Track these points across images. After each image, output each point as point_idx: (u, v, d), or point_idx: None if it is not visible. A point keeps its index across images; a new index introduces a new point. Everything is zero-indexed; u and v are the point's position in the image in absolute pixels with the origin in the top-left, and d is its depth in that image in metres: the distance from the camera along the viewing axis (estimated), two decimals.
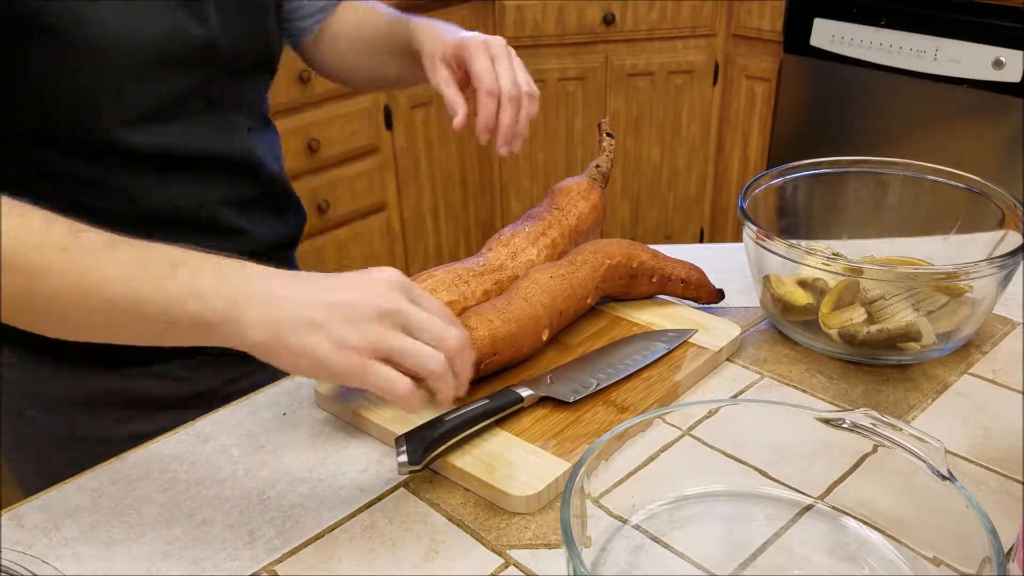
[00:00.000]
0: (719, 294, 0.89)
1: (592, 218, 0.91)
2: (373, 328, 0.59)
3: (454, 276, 0.79)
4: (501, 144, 0.86)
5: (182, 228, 0.85)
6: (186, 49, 0.80)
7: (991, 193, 0.85)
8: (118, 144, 0.80)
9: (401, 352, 0.59)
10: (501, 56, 0.86)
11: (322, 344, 0.58)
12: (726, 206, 2.59)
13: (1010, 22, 1.89)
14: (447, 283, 0.79)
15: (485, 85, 0.84)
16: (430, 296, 0.63)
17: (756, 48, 2.35)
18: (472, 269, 0.81)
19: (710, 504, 0.65)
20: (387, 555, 0.62)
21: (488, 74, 0.85)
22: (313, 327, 0.58)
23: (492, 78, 0.85)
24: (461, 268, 0.81)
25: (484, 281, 0.81)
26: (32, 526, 0.66)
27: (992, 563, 0.49)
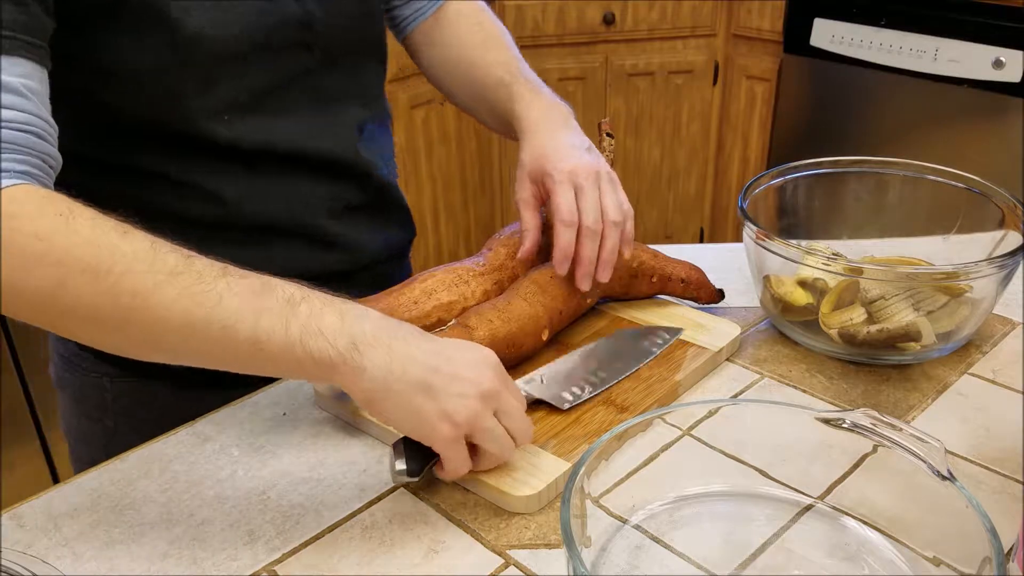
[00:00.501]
0: (719, 294, 0.89)
1: None
2: (477, 407, 0.62)
3: (454, 276, 0.79)
4: (580, 278, 0.79)
5: (278, 238, 0.82)
6: (280, 28, 0.76)
7: (991, 193, 0.85)
8: (207, 138, 0.75)
9: (489, 434, 0.63)
10: (587, 187, 0.79)
11: (430, 409, 0.61)
12: (726, 206, 2.59)
13: (1010, 22, 1.89)
14: (447, 283, 0.79)
15: (561, 217, 0.79)
16: (514, 384, 0.66)
17: (756, 48, 2.35)
18: (472, 269, 0.81)
19: (710, 504, 0.65)
20: (387, 555, 0.62)
21: (566, 206, 0.79)
22: (427, 391, 0.61)
23: (570, 211, 0.79)
24: (461, 268, 0.81)
25: (484, 281, 0.81)
26: (32, 526, 0.66)
27: (992, 563, 0.49)
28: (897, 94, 2.10)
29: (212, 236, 0.77)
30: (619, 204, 0.81)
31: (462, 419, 0.61)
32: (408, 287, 0.78)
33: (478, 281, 0.80)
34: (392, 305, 0.76)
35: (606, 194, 0.80)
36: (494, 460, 0.65)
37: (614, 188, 0.81)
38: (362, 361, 0.59)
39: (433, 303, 0.77)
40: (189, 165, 0.77)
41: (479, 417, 0.62)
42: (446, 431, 0.61)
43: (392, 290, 0.78)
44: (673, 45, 2.41)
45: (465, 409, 0.61)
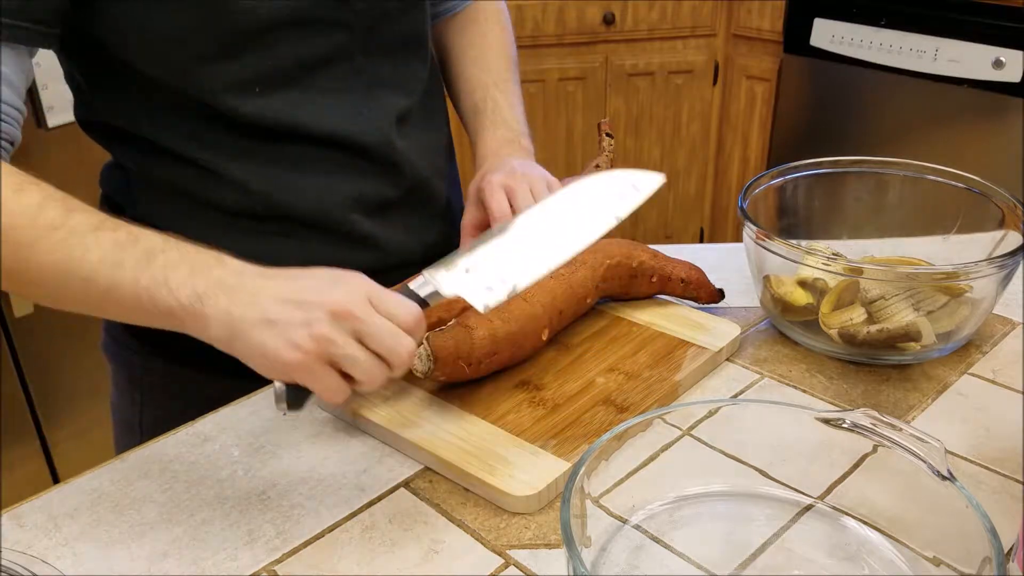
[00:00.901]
0: (719, 294, 0.89)
1: None
2: (324, 331, 0.59)
3: None
4: None
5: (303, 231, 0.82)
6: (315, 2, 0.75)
7: (991, 193, 0.85)
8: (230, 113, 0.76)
9: (347, 361, 0.60)
10: (518, 188, 0.80)
11: (274, 342, 0.59)
12: (726, 206, 2.59)
13: (1010, 22, 1.89)
14: None
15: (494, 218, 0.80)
16: (398, 300, 0.62)
17: (756, 48, 2.35)
18: None
19: (710, 504, 0.65)
20: (387, 555, 0.62)
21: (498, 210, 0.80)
22: (268, 325, 0.59)
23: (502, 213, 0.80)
24: None
25: None
26: (32, 526, 0.66)
27: (992, 563, 0.49)
28: (897, 94, 2.10)
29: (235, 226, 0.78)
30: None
31: (309, 346, 0.59)
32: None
33: None
34: None
35: (540, 192, 0.81)
36: (370, 385, 0.61)
37: (549, 188, 0.82)
38: (204, 310, 0.60)
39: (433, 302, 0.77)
40: (215, 147, 0.78)
41: (330, 343, 0.59)
42: (294, 360, 0.59)
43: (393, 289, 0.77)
44: (673, 45, 2.41)
45: (310, 336, 0.59)
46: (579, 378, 0.77)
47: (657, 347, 0.81)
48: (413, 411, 0.74)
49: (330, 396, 0.61)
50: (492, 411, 0.73)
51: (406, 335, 0.61)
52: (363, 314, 0.60)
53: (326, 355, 0.59)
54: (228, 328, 0.60)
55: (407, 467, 0.70)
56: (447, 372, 0.72)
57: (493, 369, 0.76)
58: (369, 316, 0.60)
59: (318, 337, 0.59)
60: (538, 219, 0.70)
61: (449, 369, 0.72)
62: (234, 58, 0.74)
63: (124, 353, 0.91)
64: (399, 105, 0.85)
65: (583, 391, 0.76)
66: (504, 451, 0.69)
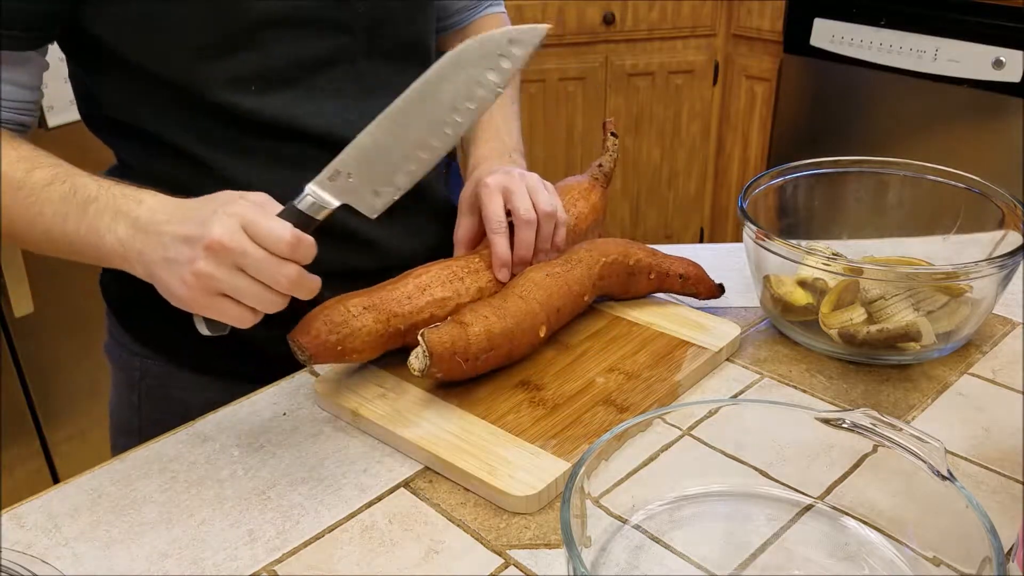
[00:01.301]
0: (719, 289, 0.88)
1: (591, 218, 0.91)
2: (203, 267, 0.60)
3: (449, 272, 0.80)
4: (517, 263, 0.82)
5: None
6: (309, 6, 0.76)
7: (991, 193, 0.85)
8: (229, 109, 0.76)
9: (234, 292, 0.62)
10: (516, 190, 0.81)
11: (173, 281, 0.62)
12: (726, 206, 2.59)
13: (1010, 22, 1.89)
14: (442, 279, 0.79)
15: (491, 227, 0.81)
16: (270, 227, 0.61)
17: (756, 48, 2.35)
18: (467, 266, 0.81)
19: (710, 504, 0.65)
20: (387, 555, 0.62)
21: (494, 215, 0.81)
22: (166, 264, 0.62)
23: (499, 220, 0.80)
24: (456, 264, 0.81)
25: (479, 278, 0.81)
26: (32, 526, 0.66)
27: (992, 563, 0.49)
28: (897, 94, 2.10)
29: None
30: (551, 200, 0.82)
31: (193, 283, 0.61)
32: (402, 281, 0.78)
33: (473, 278, 0.81)
34: (384, 299, 0.76)
35: (537, 192, 0.82)
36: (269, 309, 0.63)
37: (547, 190, 0.83)
38: (125, 253, 0.65)
39: (427, 299, 0.77)
40: (214, 143, 0.78)
41: (210, 278, 0.60)
42: (187, 296, 0.61)
43: (386, 284, 0.78)
44: (673, 45, 2.41)
45: (192, 273, 0.60)
46: (579, 378, 0.78)
47: (657, 347, 0.81)
48: (413, 411, 0.74)
49: (235, 323, 0.63)
50: (492, 411, 0.73)
51: (285, 262, 0.61)
52: (237, 246, 0.60)
53: (212, 289, 0.61)
54: (145, 269, 0.64)
55: (407, 467, 0.70)
56: (444, 369, 0.72)
57: (491, 366, 0.76)
58: (243, 247, 0.60)
59: (198, 273, 0.61)
60: (411, 105, 0.66)
61: (446, 366, 0.72)
62: (232, 55, 0.74)
63: (124, 355, 0.91)
64: None
65: (583, 391, 0.76)
66: (504, 451, 0.69)
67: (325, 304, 0.74)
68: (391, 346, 0.77)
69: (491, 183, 0.82)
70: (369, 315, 0.74)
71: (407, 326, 0.76)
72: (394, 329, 0.76)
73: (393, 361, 0.80)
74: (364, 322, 0.74)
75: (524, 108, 2.51)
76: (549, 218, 0.82)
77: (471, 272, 0.81)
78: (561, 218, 0.83)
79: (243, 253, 0.60)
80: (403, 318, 0.76)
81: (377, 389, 0.77)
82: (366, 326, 0.74)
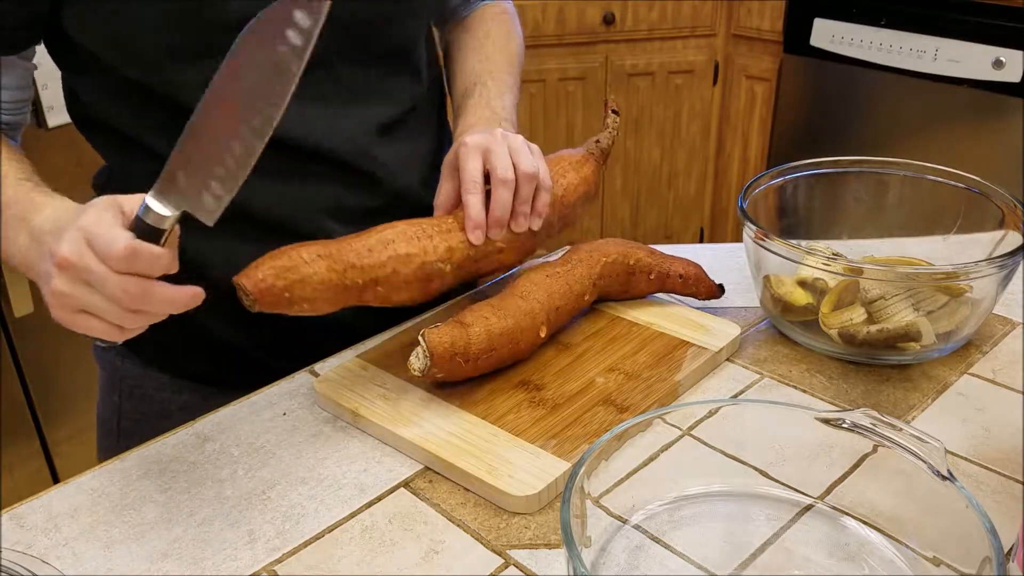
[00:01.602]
0: (719, 289, 0.88)
1: (581, 190, 0.86)
2: (60, 287, 0.59)
3: (418, 229, 0.76)
4: (491, 225, 0.77)
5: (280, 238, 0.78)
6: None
7: (991, 193, 0.85)
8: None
9: (92, 309, 0.59)
10: (496, 149, 0.77)
11: (46, 297, 0.61)
12: (726, 206, 2.59)
13: (1010, 22, 1.89)
14: (408, 235, 0.75)
15: (465, 187, 0.77)
16: (106, 241, 0.58)
17: (756, 48, 2.35)
18: (438, 225, 0.77)
19: (710, 504, 0.65)
20: (387, 555, 0.62)
21: (469, 174, 0.77)
22: (40, 279, 0.63)
23: (474, 179, 0.77)
24: (427, 223, 0.77)
25: (449, 238, 0.77)
26: (32, 526, 0.66)
27: (992, 563, 0.49)
28: (897, 94, 2.10)
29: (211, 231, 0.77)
30: (533, 161, 0.78)
31: (55, 302, 0.60)
32: (365, 234, 0.74)
33: (442, 237, 0.76)
34: (343, 249, 0.72)
35: (519, 152, 0.78)
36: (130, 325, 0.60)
37: (531, 151, 0.79)
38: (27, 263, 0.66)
39: (388, 253, 0.73)
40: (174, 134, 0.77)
41: (64, 296, 0.59)
42: (59, 316, 0.60)
43: (348, 236, 0.74)
44: (673, 45, 2.41)
45: (50, 292, 0.59)
46: (579, 378, 0.78)
47: (657, 347, 0.81)
48: (413, 411, 0.74)
49: (105, 337, 0.61)
50: (492, 411, 0.73)
51: (125, 277, 0.58)
52: (80, 263, 0.58)
53: (71, 306, 0.59)
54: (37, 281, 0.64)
55: (407, 467, 0.70)
56: (445, 369, 0.72)
57: (492, 366, 0.76)
58: (86, 263, 0.58)
59: (55, 292, 0.59)
60: (216, 95, 0.61)
61: (446, 366, 0.72)
62: (203, 58, 0.70)
63: (108, 355, 0.91)
64: (383, 115, 0.84)
65: (583, 391, 0.76)
66: (504, 451, 0.69)
67: (277, 250, 0.70)
68: (347, 301, 0.73)
69: (470, 142, 0.78)
70: (322, 263, 0.70)
71: (366, 280, 0.72)
72: (351, 282, 0.72)
73: (393, 361, 0.80)
74: (316, 269, 0.70)
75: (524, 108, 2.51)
76: (529, 179, 0.78)
77: (442, 232, 0.77)
78: (544, 183, 0.79)
79: (87, 269, 0.58)
80: (361, 271, 0.72)
81: (377, 389, 0.77)
82: (318, 274, 0.70)
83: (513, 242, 0.81)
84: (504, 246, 0.80)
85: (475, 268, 0.79)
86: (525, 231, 0.80)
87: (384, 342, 0.84)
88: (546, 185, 0.79)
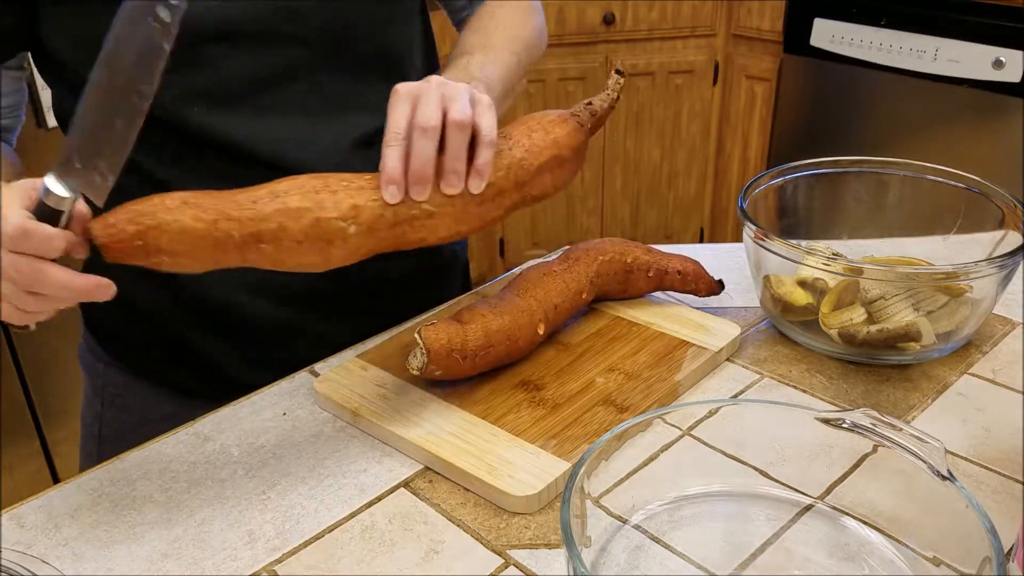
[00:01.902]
0: (718, 285, 0.88)
1: (549, 154, 0.73)
2: None
3: (320, 183, 0.65)
4: (411, 185, 0.65)
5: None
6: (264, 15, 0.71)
7: (991, 193, 0.85)
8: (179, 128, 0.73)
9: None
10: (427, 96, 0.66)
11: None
12: (726, 206, 2.59)
13: (1010, 22, 1.89)
14: (307, 188, 0.65)
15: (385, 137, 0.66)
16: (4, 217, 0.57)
17: (756, 48, 2.35)
18: (347, 181, 0.66)
19: (710, 504, 0.65)
20: (387, 555, 0.62)
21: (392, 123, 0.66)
22: None
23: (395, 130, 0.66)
24: (333, 177, 0.66)
25: (358, 196, 0.65)
26: (32, 526, 0.66)
27: (992, 563, 0.49)
28: (897, 94, 2.10)
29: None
30: (464, 109, 0.66)
31: None
32: (260, 186, 0.65)
33: (348, 193, 0.65)
34: (221, 199, 0.63)
35: (453, 100, 0.66)
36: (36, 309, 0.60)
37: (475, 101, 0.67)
38: None
39: (275, 206, 0.63)
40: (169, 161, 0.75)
41: None
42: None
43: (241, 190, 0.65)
44: (673, 45, 2.41)
45: None
46: (579, 378, 0.78)
47: (657, 347, 0.81)
48: (413, 411, 0.74)
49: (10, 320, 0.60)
50: (492, 411, 0.73)
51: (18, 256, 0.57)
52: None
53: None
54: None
55: (407, 467, 0.70)
56: (443, 366, 0.72)
57: (491, 364, 0.76)
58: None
59: None
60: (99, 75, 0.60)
61: (444, 363, 0.72)
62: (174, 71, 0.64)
63: (91, 360, 0.91)
64: (365, 125, 0.80)
65: (583, 391, 0.76)
66: (504, 451, 0.69)
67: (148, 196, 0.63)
68: (222, 260, 0.63)
69: (400, 89, 0.67)
70: (188, 211, 0.61)
71: (243, 235, 0.62)
72: (223, 234, 0.62)
73: (393, 361, 0.80)
74: (178, 216, 0.61)
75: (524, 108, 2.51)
76: (460, 128, 0.65)
77: (350, 188, 0.65)
78: (486, 136, 0.66)
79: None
80: (239, 224, 0.62)
81: (377, 389, 0.77)
82: (179, 221, 0.60)
83: (446, 207, 0.68)
84: (434, 210, 0.67)
85: (394, 234, 0.67)
86: (460, 193, 0.67)
87: (384, 342, 0.84)
88: (487, 139, 0.67)
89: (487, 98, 0.69)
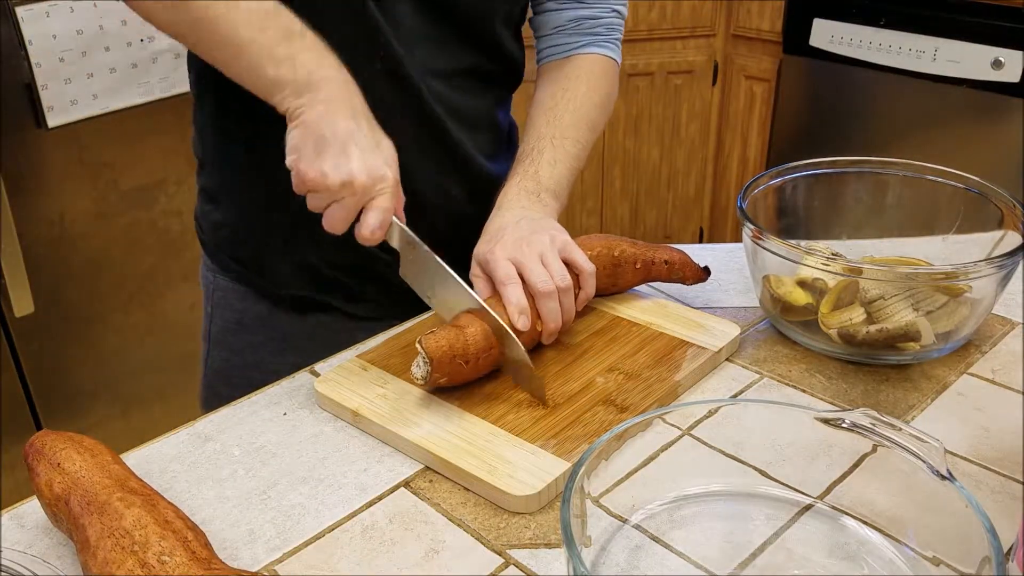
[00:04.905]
0: (704, 272, 0.88)
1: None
2: (315, 179, 0.73)
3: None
4: (547, 337, 0.80)
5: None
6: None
7: (991, 193, 0.85)
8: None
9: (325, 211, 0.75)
10: (526, 260, 0.80)
11: (307, 168, 0.73)
12: (726, 206, 2.59)
13: (1010, 22, 1.89)
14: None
15: (498, 279, 0.80)
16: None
17: (755, 48, 2.35)
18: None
19: (710, 504, 0.65)
20: (387, 555, 0.62)
21: (502, 271, 0.80)
22: (302, 155, 0.74)
23: (507, 274, 0.79)
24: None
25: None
26: (32, 526, 0.66)
27: (992, 563, 0.49)
28: (897, 94, 2.10)
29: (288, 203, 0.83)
30: (563, 271, 0.80)
31: (299, 181, 0.74)
32: None
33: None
34: None
35: (550, 264, 0.80)
36: None
37: (556, 257, 0.81)
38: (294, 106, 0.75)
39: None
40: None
41: (317, 197, 0.75)
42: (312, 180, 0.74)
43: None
44: (672, 45, 2.41)
45: (306, 179, 0.74)
46: (579, 378, 0.78)
47: (657, 347, 0.81)
48: (413, 411, 0.74)
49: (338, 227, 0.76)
50: (492, 411, 0.74)
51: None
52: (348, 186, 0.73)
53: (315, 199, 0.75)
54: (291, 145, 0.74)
55: (407, 467, 0.70)
56: (446, 372, 0.72)
57: (492, 365, 0.76)
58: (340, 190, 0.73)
59: (307, 181, 0.74)
60: None
61: (448, 369, 0.72)
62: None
63: (206, 273, 1.05)
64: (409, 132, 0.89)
65: (583, 391, 0.76)
66: (504, 451, 0.69)
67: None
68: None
69: (501, 251, 0.81)
70: None
71: None
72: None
73: (394, 362, 0.80)
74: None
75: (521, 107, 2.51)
76: (566, 293, 0.80)
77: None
78: (587, 270, 0.82)
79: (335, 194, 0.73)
80: None
81: (377, 389, 0.77)
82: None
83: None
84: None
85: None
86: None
87: (384, 342, 0.84)
88: (589, 271, 0.83)
89: (566, 239, 0.83)
